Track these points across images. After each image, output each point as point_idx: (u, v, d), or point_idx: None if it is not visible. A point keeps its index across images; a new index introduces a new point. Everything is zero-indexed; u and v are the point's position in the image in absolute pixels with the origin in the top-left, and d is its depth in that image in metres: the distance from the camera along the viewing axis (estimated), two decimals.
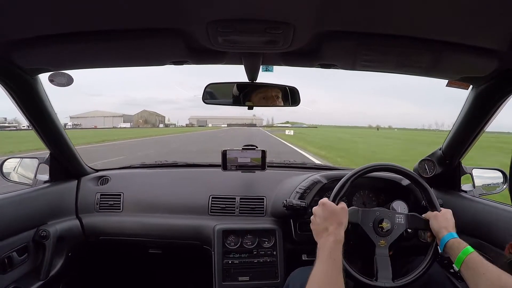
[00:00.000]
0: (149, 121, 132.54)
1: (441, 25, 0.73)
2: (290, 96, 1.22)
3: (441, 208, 1.04)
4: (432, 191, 1.05)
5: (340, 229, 0.88)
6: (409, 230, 1.15)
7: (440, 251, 0.95)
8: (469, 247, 0.88)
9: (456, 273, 1.09)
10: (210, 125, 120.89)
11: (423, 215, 1.04)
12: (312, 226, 0.93)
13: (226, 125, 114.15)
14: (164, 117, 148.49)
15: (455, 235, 0.94)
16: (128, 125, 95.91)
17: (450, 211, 1.03)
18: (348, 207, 0.96)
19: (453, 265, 0.89)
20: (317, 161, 9.00)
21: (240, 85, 1.20)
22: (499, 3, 0.62)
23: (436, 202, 1.04)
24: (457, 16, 0.68)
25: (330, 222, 0.89)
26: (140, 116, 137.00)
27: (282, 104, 1.24)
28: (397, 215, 1.02)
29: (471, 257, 0.85)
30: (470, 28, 0.71)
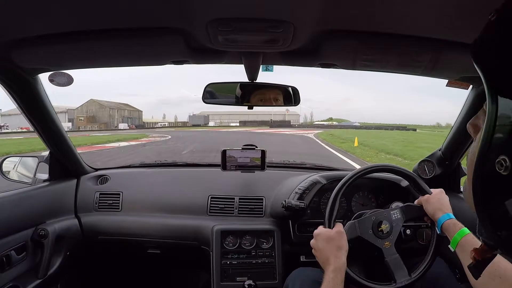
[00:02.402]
0: (99, 118, 76.33)
1: (441, 25, 0.73)
2: (290, 96, 1.22)
3: (432, 190, 1.04)
4: (417, 177, 1.06)
5: (340, 254, 0.88)
6: (408, 232, 1.15)
7: (438, 232, 0.96)
8: (465, 228, 0.88)
9: (462, 277, 1.09)
10: (212, 123, 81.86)
11: (415, 201, 1.04)
12: (316, 259, 0.93)
13: (237, 123, 76.69)
14: (141, 111, 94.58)
15: (451, 216, 0.94)
16: (69, 125, 63.68)
17: (441, 190, 1.04)
18: (344, 216, 0.96)
19: (449, 246, 0.88)
20: None
21: (240, 85, 1.20)
22: (499, 3, 0.62)
23: (425, 185, 1.04)
24: (457, 15, 0.68)
25: (329, 251, 0.89)
26: (83, 110, 77.57)
27: (282, 104, 1.24)
28: (392, 212, 1.02)
29: (467, 239, 0.85)
30: (470, 27, 0.71)
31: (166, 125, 76.54)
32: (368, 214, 1.04)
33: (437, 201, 1.00)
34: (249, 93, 1.21)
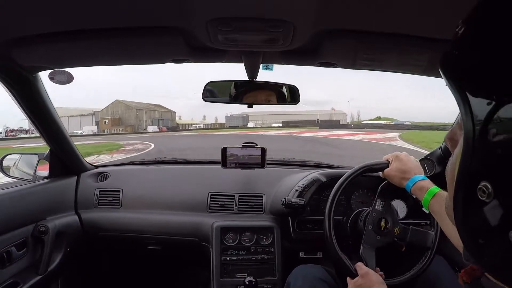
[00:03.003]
0: (125, 120, 68.42)
1: (441, 24, 0.73)
2: (290, 95, 1.22)
3: (388, 156, 1.04)
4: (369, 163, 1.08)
5: None
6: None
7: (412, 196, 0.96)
8: (434, 187, 0.87)
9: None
10: (251, 124, 71.04)
11: (381, 174, 1.06)
12: None
13: (280, 124, 66.96)
14: (174, 112, 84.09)
15: (416, 179, 0.92)
16: (95, 128, 60.23)
17: (395, 156, 1.02)
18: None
19: (423, 209, 0.89)
20: None
21: (240, 83, 1.20)
22: None
23: (381, 161, 1.05)
24: (457, 15, 0.67)
25: None
26: (108, 112, 70.09)
27: (283, 102, 1.24)
28: (376, 207, 1.05)
29: (437, 196, 0.84)
30: None
31: (202, 127, 67.59)
32: (367, 212, 1.05)
33: (397, 170, 0.99)
34: (249, 92, 1.21)
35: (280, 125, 64.67)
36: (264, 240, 1.35)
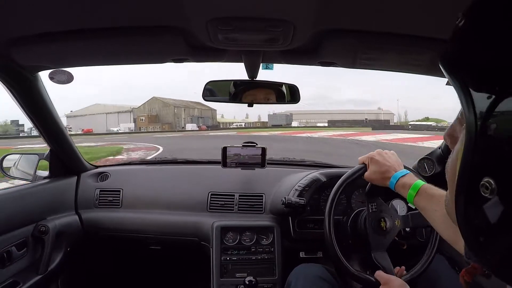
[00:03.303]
0: (162, 118, 63.46)
1: (442, 24, 0.73)
2: (290, 94, 1.23)
3: (363, 159, 1.01)
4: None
5: None
6: (407, 229, 1.16)
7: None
8: (417, 181, 0.84)
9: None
10: (295, 123, 66.80)
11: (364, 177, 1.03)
12: None
13: (326, 123, 60.57)
14: (215, 110, 77.43)
15: (399, 175, 0.89)
16: (132, 126, 57.28)
17: (376, 153, 0.98)
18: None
19: (409, 204, 0.87)
20: None
21: (240, 83, 1.20)
22: None
23: (358, 166, 1.03)
24: (457, 14, 0.68)
25: None
26: (145, 109, 65.16)
27: (283, 102, 1.24)
28: (370, 211, 1.04)
29: (422, 191, 0.81)
30: None
31: (243, 126, 63.94)
32: (378, 202, 1.05)
33: (375, 172, 0.95)
34: (248, 91, 1.21)
35: (326, 124, 59.92)
36: (264, 239, 1.35)
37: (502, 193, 0.26)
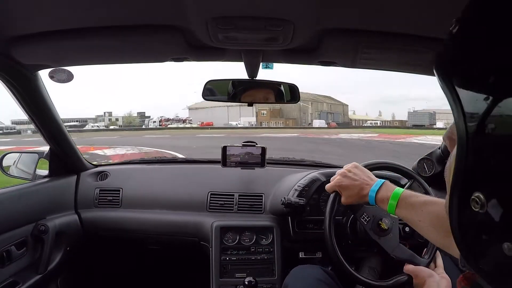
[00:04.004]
0: (286, 113, 56.16)
1: (442, 23, 0.73)
2: (289, 93, 1.22)
3: (331, 187, 0.97)
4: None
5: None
6: (407, 229, 1.16)
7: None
8: (395, 190, 0.79)
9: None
10: (440, 124, 40.77)
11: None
12: None
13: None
14: (346, 106, 69.50)
15: (375, 189, 0.83)
16: (253, 120, 49.74)
17: (339, 177, 0.92)
18: None
19: (390, 214, 0.82)
20: None
21: (240, 82, 1.20)
22: None
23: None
24: (456, 14, 0.68)
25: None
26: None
27: (283, 101, 1.24)
28: (363, 219, 1.02)
29: (403, 199, 0.77)
30: None
31: (378, 125, 54.05)
32: (367, 211, 1.05)
33: (350, 197, 0.90)
34: (248, 90, 1.21)
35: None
36: (264, 240, 1.35)
37: (491, 208, 0.26)
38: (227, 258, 1.30)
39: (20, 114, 1.27)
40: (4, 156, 1.38)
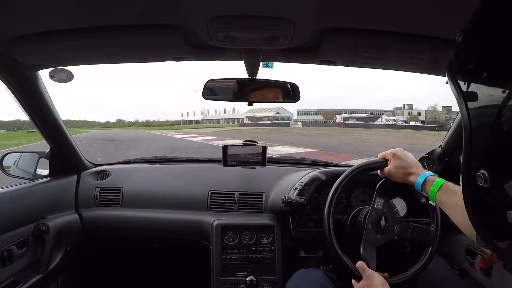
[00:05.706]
0: None
1: (442, 23, 0.73)
2: (290, 92, 1.22)
3: (386, 154, 1.01)
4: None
5: None
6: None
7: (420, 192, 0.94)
8: (439, 179, 0.86)
9: (462, 273, 1.08)
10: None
11: (379, 173, 1.04)
12: None
13: None
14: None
15: (427, 174, 0.89)
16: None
17: (398, 150, 0.98)
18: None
19: (430, 201, 0.88)
20: None
21: (240, 81, 1.20)
22: None
23: (378, 159, 1.03)
24: (457, 13, 0.68)
25: None
26: None
27: (282, 100, 1.24)
28: (376, 206, 1.03)
29: (443, 188, 0.84)
30: None
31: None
32: (367, 210, 1.05)
33: (398, 167, 0.96)
34: (249, 90, 1.21)
35: None
36: (265, 238, 1.35)
37: (494, 183, 0.31)
38: (228, 257, 1.31)
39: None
40: (5, 156, 1.38)
